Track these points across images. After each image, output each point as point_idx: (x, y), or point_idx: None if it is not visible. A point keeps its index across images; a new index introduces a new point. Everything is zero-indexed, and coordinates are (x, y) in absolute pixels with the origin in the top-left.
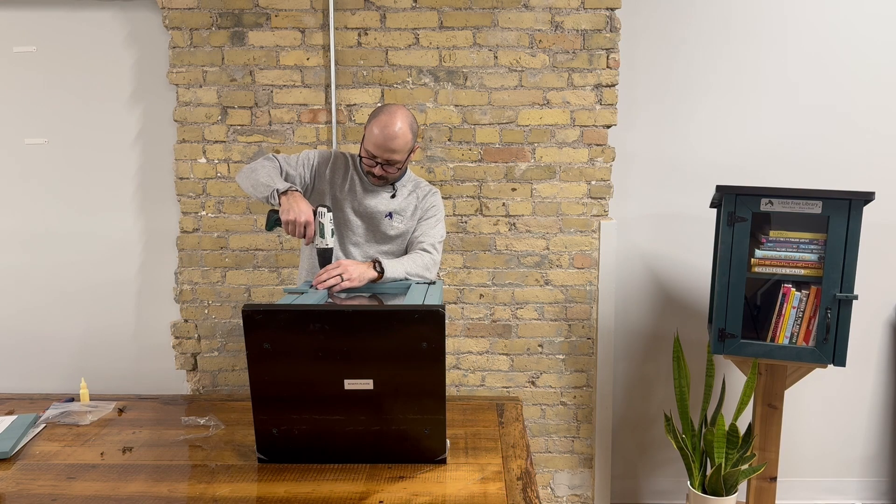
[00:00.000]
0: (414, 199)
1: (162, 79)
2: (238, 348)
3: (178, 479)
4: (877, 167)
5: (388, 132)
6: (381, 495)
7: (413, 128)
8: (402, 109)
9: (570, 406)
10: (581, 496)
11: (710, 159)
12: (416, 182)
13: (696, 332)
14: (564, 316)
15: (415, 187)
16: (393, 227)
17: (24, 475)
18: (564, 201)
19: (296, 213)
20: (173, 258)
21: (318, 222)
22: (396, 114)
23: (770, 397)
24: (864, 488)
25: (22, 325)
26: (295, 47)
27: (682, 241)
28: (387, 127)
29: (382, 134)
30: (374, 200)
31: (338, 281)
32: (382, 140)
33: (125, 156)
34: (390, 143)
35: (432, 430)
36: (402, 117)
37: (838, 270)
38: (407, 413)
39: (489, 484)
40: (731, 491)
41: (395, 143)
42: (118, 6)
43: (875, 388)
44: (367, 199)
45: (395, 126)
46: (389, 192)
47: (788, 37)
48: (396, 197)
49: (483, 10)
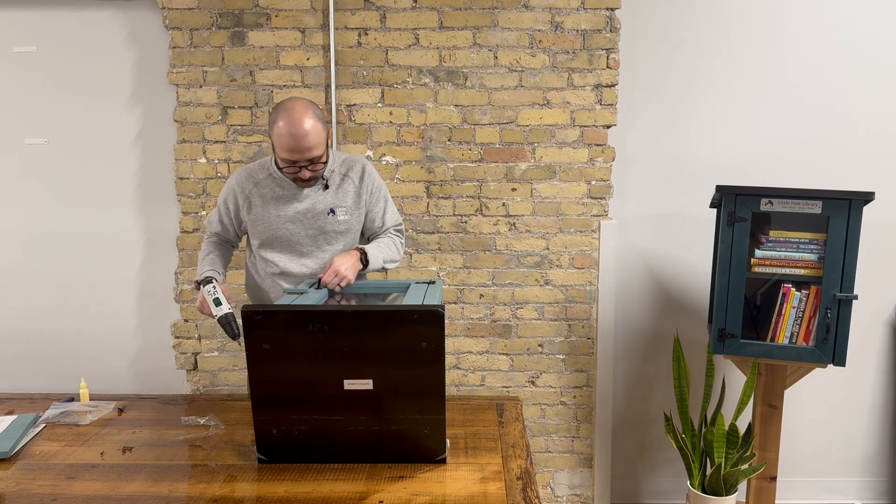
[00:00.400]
0: (350, 185)
1: (162, 79)
2: (238, 348)
3: (178, 479)
4: (877, 167)
5: (297, 131)
6: (381, 495)
7: (318, 114)
8: (298, 102)
9: (570, 406)
10: (581, 496)
11: (710, 159)
12: (343, 162)
13: (696, 332)
14: (564, 316)
15: (346, 170)
16: (339, 223)
17: (24, 475)
18: (564, 201)
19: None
20: (173, 258)
21: (205, 298)
22: (297, 110)
23: (770, 397)
24: (864, 488)
25: (22, 324)
26: (295, 47)
27: (681, 242)
28: (294, 127)
29: (292, 136)
30: (308, 201)
31: (340, 285)
32: (295, 143)
33: (125, 156)
34: (303, 142)
35: (432, 430)
36: (304, 110)
37: (838, 270)
38: (407, 413)
39: (489, 484)
40: (731, 491)
41: (308, 141)
42: (118, 6)
43: (875, 387)
44: (299, 203)
45: (302, 124)
46: (320, 185)
47: (788, 37)
48: (330, 187)
49: (483, 10)
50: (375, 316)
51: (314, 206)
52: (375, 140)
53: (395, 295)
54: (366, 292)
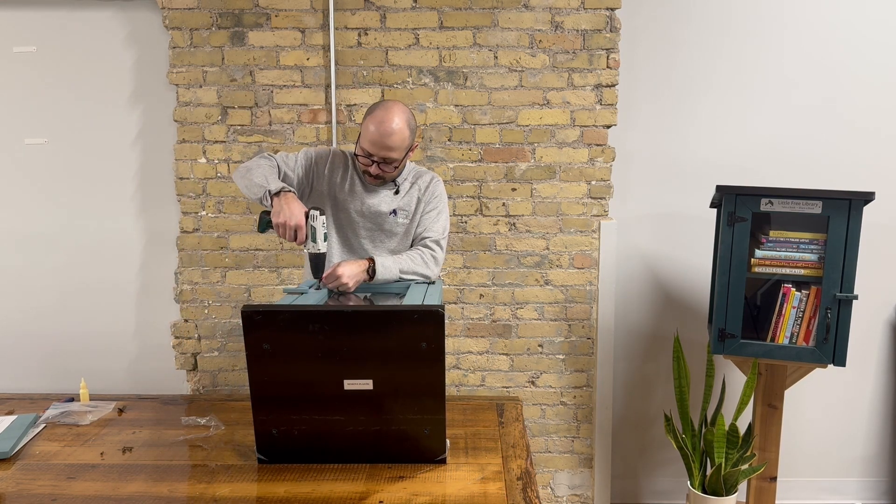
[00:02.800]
0: (416, 191)
1: (162, 79)
2: (238, 348)
3: (178, 479)
4: (877, 167)
5: (385, 129)
6: (381, 495)
7: (411, 125)
8: (399, 105)
9: (570, 406)
10: (581, 496)
11: (710, 159)
12: (416, 173)
13: (696, 332)
14: (564, 316)
15: (415, 178)
16: (398, 224)
17: (24, 475)
18: (564, 201)
19: (286, 216)
20: (173, 258)
21: (311, 226)
22: (393, 110)
23: (770, 397)
24: (864, 488)
25: (22, 324)
26: (295, 47)
27: (682, 241)
28: (383, 123)
29: (378, 131)
30: (377, 199)
31: (335, 285)
32: (378, 137)
33: (125, 156)
34: (387, 140)
35: (432, 430)
36: (400, 113)
37: (838, 270)
38: (407, 413)
39: (489, 484)
40: (731, 491)
41: (391, 141)
42: (118, 6)
43: (875, 388)
44: (368, 198)
45: (391, 123)
46: (392, 188)
47: (788, 36)
48: (399, 192)
49: (483, 10)
50: (376, 316)
51: (380, 205)
52: None
53: (395, 295)
54: (368, 292)
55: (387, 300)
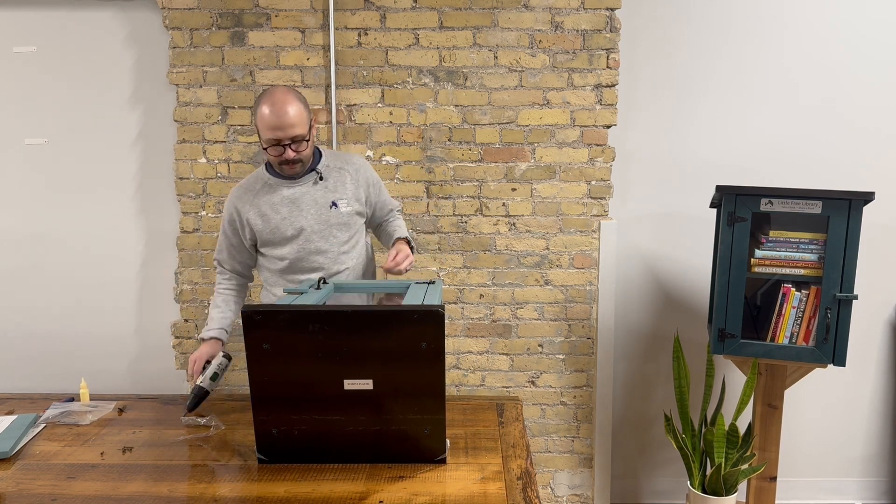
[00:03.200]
0: (347, 176)
1: (162, 79)
2: (238, 348)
3: (178, 479)
4: (877, 167)
5: (279, 109)
6: (381, 495)
7: (302, 100)
8: (279, 87)
9: (570, 406)
10: (581, 496)
11: (710, 159)
12: (335, 158)
13: (695, 332)
14: (564, 316)
15: (341, 163)
16: (342, 215)
17: (24, 475)
18: (564, 201)
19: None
20: (173, 258)
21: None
22: (278, 91)
23: (770, 397)
24: (865, 488)
25: (22, 324)
26: (295, 47)
27: (682, 241)
28: (275, 105)
29: (273, 112)
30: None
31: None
32: (277, 119)
33: (125, 156)
34: (285, 118)
35: (432, 429)
36: (287, 92)
37: (838, 270)
38: (407, 413)
39: (489, 484)
40: (731, 491)
41: (289, 118)
42: (118, 6)
43: (875, 387)
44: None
45: (283, 103)
46: (312, 179)
47: (788, 36)
48: (326, 180)
49: (483, 10)
50: (376, 316)
51: (316, 202)
52: (375, 140)
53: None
54: (366, 292)
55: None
